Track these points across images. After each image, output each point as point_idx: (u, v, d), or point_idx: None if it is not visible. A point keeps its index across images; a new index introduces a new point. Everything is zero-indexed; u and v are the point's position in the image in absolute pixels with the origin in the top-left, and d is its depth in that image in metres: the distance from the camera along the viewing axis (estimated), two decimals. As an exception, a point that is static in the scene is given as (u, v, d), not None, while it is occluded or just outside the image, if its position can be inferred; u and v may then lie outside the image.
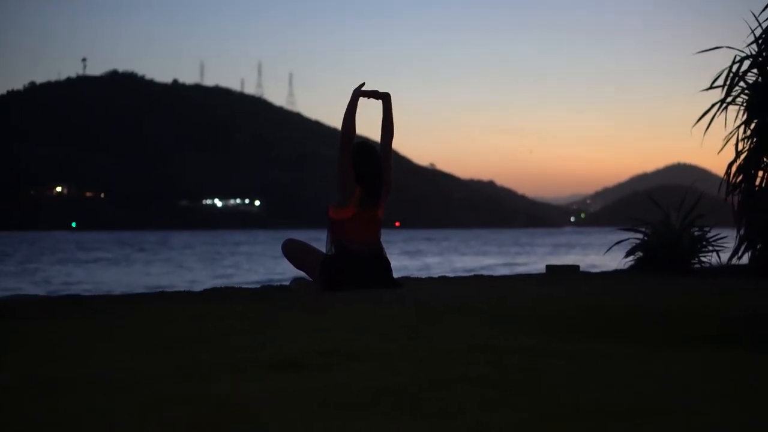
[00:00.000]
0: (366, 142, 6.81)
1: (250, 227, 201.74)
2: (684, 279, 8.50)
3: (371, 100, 6.87)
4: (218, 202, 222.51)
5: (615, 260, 10.01)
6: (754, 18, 10.42)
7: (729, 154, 10.49)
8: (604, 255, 10.71)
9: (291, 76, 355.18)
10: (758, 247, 10.12)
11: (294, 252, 6.72)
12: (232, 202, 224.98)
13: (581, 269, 9.43)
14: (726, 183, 10.44)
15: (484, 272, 9.82)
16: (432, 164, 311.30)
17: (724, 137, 10.62)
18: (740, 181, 10.38)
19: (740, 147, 10.47)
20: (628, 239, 9.84)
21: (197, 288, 7.01)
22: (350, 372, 3.13)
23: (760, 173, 10.38)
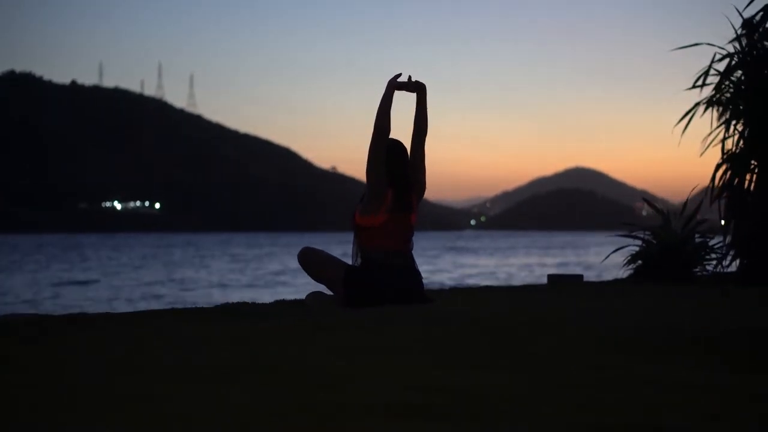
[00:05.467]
0: (398, 141, 6.08)
1: (151, 230, 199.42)
2: (699, 289, 8.00)
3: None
4: (118, 205, 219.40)
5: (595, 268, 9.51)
6: (737, 14, 10.06)
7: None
8: (602, 262, 10.16)
9: (192, 77, 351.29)
10: (748, 254, 9.70)
11: (312, 262, 5.97)
12: (131, 204, 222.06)
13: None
14: (710, 187, 10.00)
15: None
16: (333, 167, 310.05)
17: (702, 138, 10.23)
18: (727, 184, 9.96)
19: (726, 148, 10.05)
20: (627, 246, 9.34)
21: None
22: (488, 419, 2.53)
23: (747, 176, 9.97)
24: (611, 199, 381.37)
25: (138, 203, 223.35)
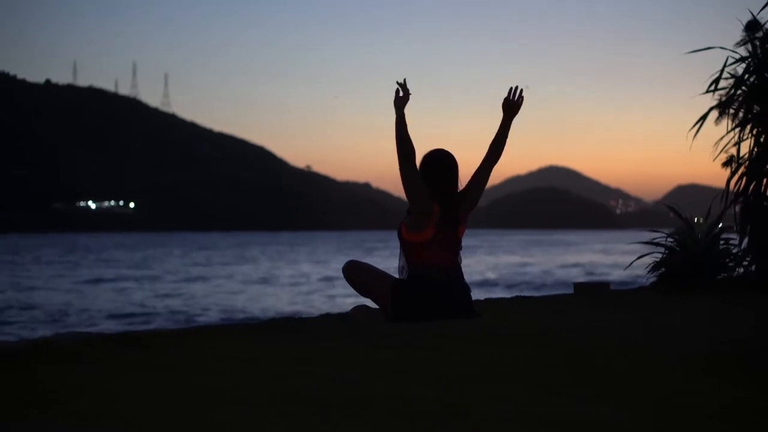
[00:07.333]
0: (446, 153, 5.92)
1: (126, 230, 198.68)
2: (734, 298, 7.93)
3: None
4: (92, 204, 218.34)
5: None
6: (745, 19, 10.00)
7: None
8: (625, 270, 10.09)
9: (166, 76, 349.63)
10: (765, 259, 9.64)
11: (357, 276, 5.84)
12: (106, 204, 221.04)
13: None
14: (725, 191, 9.94)
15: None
16: (308, 166, 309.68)
17: (714, 143, 10.18)
18: (743, 189, 9.89)
19: (741, 152, 9.99)
20: (650, 253, 9.24)
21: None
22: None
23: (765, 181, 9.91)
24: (586, 198, 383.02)
25: (113, 203, 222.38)
